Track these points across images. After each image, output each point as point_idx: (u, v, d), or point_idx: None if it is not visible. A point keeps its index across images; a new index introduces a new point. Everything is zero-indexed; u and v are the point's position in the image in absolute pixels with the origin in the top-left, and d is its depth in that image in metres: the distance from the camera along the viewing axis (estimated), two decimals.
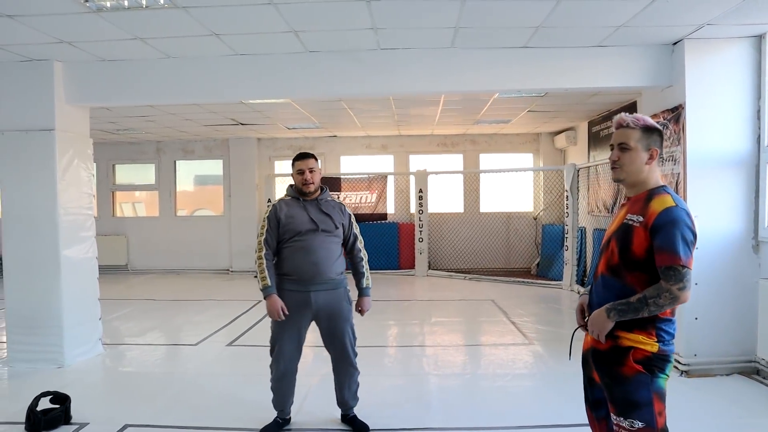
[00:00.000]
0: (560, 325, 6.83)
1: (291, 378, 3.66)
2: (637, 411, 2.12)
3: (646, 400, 2.12)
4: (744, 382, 4.53)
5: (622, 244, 2.19)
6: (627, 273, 2.17)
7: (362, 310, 3.66)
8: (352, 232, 3.67)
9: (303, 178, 3.50)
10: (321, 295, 3.49)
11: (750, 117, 4.67)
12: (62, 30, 4.38)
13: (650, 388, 2.12)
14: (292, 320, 3.48)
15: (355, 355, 3.66)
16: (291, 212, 3.50)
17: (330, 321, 3.56)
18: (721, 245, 4.68)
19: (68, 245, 5.21)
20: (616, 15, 4.21)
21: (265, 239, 3.49)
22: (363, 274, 3.68)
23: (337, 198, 3.72)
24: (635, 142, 2.22)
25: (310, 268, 3.45)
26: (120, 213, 12.21)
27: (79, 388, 4.48)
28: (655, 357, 2.14)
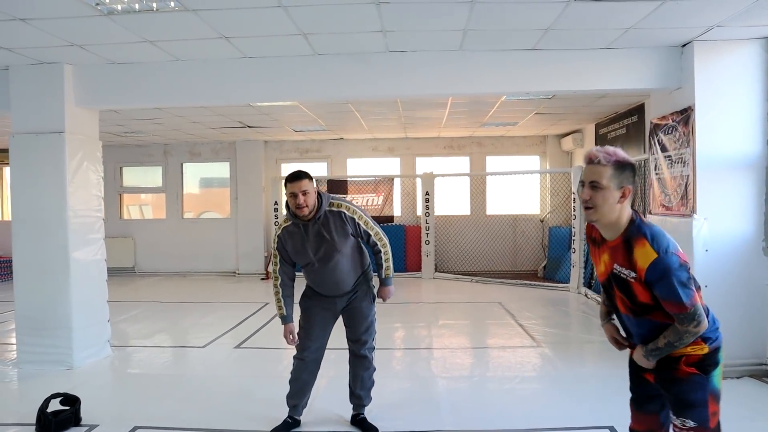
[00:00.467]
0: (568, 327, 6.81)
1: (313, 371, 3.70)
2: (691, 411, 2.13)
3: (702, 401, 2.13)
4: (754, 385, 4.50)
5: (628, 295, 2.19)
6: (648, 312, 2.19)
7: (383, 297, 3.73)
8: (362, 231, 3.52)
9: (296, 202, 3.30)
10: (344, 300, 3.64)
11: (760, 119, 4.66)
12: (73, 33, 4.41)
13: (706, 389, 2.14)
14: (319, 313, 3.63)
15: (371, 350, 3.73)
16: (294, 243, 3.47)
17: (351, 318, 3.69)
18: (731, 248, 4.66)
19: (77, 247, 5.23)
20: (625, 17, 4.21)
21: (279, 269, 3.55)
22: (381, 265, 3.67)
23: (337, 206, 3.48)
24: (607, 181, 2.11)
25: (328, 289, 3.60)
26: (127, 215, 12.26)
27: (89, 389, 4.49)
28: (706, 357, 2.16)
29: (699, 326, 2.07)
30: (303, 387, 3.70)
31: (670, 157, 5.06)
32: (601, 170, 2.12)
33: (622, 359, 2.52)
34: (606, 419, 3.76)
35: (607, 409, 3.92)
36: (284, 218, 3.53)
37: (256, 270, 11.30)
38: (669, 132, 5.07)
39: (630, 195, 2.15)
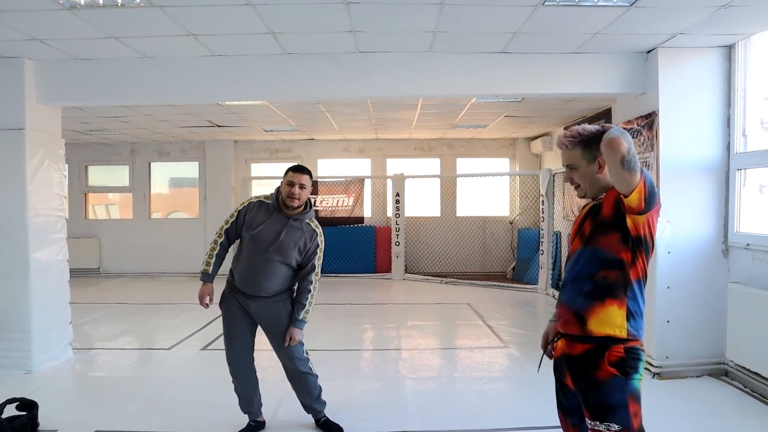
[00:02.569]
0: (535, 328, 6.89)
1: (248, 376, 3.59)
2: (613, 414, 2.11)
3: (622, 403, 2.11)
4: (713, 384, 4.62)
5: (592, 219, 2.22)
6: (599, 237, 2.19)
7: (291, 339, 3.41)
8: (312, 263, 3.47)
9: (291, 190, 3.33)
10: (259, 305, 3.46)
11: (720, 125, 4.78)
12: (34, 27, 4.29)
13: (625, 390, 2.12)
14: (237, 319, 3.49)
15: (305, 360, 3.58)
16: (260, 219, 3.40)
17: (271, 329, 3.51)
18: (693, 250, 4.77)
19: (38, 247, 5.09)
20: (591, 22, 4.28)
21: (227, 229, 3.49)
22: (303, 305, 3.43)
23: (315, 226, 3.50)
24: (579, 160, 2.25)
25: (247, 281, 3.43)
26: (92, 215, 11.98)
27: (48, 394, 4.37)
28: (627, 356, 2.14)
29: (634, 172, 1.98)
30: (247, 394, 3.62)
31: None
32: (570, 153, 2.27)
33: None
34: None
35: None
36: (263, 195, 3.52)
37: (225, 271, 11.08)
38: (634, 136, 5.17)
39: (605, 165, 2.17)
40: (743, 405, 4.19)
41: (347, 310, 7.75)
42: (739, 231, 4.70)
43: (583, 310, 2.20)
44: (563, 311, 2.30)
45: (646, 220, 2.11)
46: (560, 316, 2.33)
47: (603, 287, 2.17)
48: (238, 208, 3.51)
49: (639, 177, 2.01)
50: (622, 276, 2.15)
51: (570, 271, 2.31)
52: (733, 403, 4.23)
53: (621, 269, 2.15)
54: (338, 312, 7.44)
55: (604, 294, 2.16)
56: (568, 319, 2.26)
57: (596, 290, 2.18)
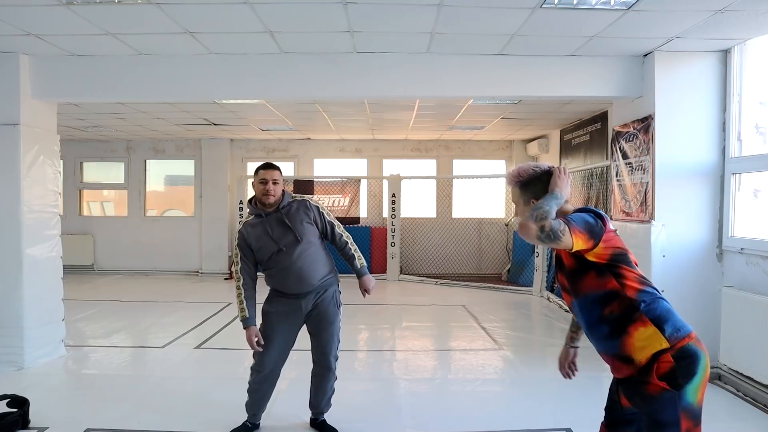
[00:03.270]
0: (530, 330, 6.90)
1: (273, 381, 3.60)
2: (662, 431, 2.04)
3: (672, 420, 2.03)
4: (708, 388, 4.61)
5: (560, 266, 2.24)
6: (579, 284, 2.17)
7: (366, 289, 3.64)
8: (327, 221, 3.56)
9: (265, 188, 3.38)
10: (311, 300, 3.50)
11: (716, 129, 4.80)
12: (30, 22, 4.27)
13: (677, 406, 2.02)
14: (283, 321, 3.48)
15: (335, 359, 3.62)
16: (258, 237, 3.41)
17: (316, 324, 3.55)
18: (687, 254, 4.79)
19: (31, 244, 5.07)
20: (588, 26, 4.29)
21: (241, 268, 3.45)
22: (353, 256, 3.62)
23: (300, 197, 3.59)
24: (517, 198, 2.29)
25: (294, 283, 3.44)
26: (87, 212, 11.94)
27: (39, 391, 4.35)
28: (677, 364, 2.04)
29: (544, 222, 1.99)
30: (263, 397, 3.61)
31: (631, 164, 5.17)
32: (512, 190, 2.32)
33: (583, 363, 2.55)
34: (565, 421, 3.82)
35: (566, 411, 3.98)
36: (244, 218, 3.49)
37: (220, 269, 11.14)
38: (630, 139, 5.18)
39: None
40: (736, 409, 4.20)
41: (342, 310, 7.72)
42: (734, 235, 4.71)
43: (619, 350, 2.12)
44: (608, 360, 2.22)
45: (603, 245, 2.08)
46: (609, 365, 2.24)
47: (617, 321, 2.11)
48: (236, 245, 3.49)
49: (568, 234, 2.00)
50: (625, 300, 2.09)
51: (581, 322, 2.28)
52: (726, 407, 4.24)
53: (618, 297, 2.10)
54: None
55: (623, 326, 2.09)
56: (617, 365, 2.17)
57: (614, 328, 2.12)
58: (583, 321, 2.23)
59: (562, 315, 7.49)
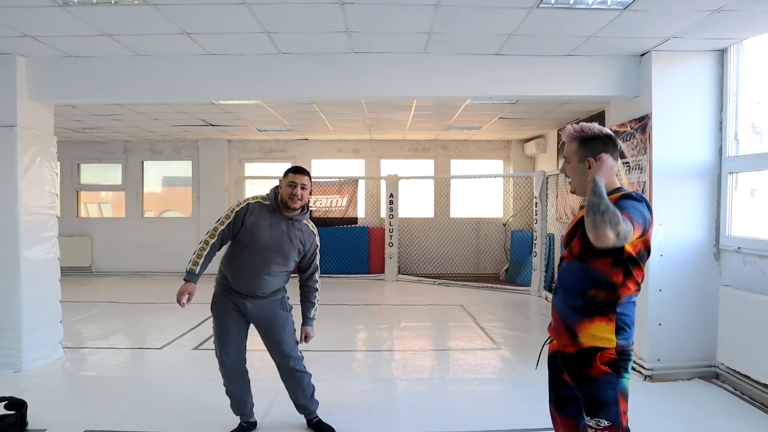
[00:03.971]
0: (528, 330, 6.91)
1: (242, 378, 3.57)
2: (604, 410, 2.17)
3: (613, 400, 2.17)
4: (704, 387, 4.64)
5: (584, 236, 2.19)
6: (591, 258, 2.21)
7: (307, 337, 3.57)
8: (314, 262, 3.57)
9: (292, 191, 3.33)
10: (256, 304, 3.45)
11: (713, 128, 4.81)
12: (26, 23, 4.26)
13: (616, 388, 2.18)
14: (230, 320, 3.46)
15: (300, 359, 3.58)
16: (259, 221, 3.37)
17: (266, 329, 3.51)
18: (684, 253, 4.79)
19: (29, 245, 5.06)
20: (585, 25, 4.29)
21: (221, 231, 3.39)
22: (313, 304, 3.59)
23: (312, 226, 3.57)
24: (572, 155, 2.33)
25: (248, 281, 3.40)
26: (85, 213, 11.92)
27: (37, 393, 4.35)
28: (619, 357, 2.20)
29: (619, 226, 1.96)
30: (239, 395, 3.60)
31: (628, 164, 5.18)
32: (568, 146, 2.36)
33: None
34: None
35: None
36: (260, 196, 3.48)
37: (217, 271, 11.07)
38: (627, 139, 5.19)
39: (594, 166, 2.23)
40: (733, 407, 4.21)
41: (340, 310, 7.73)
42: (731, 234, 4.72)
43: (574, 324, 2.25)
44: (555, 318, 2.35)
45: (642, 239, 2.16)
46: (553, 322, 2.38)
47: (592, 305, 2.22)
48: (234, 208, 3.42)
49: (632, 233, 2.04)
50: (612, 296, 2.20)
51: (561, 279, 2.35)
52: (724, 406, 4.25)
53: (611, 290, 2.20)
54: (331, 313, 7.42)
55: (594, 312, 2.21)
56: (560, 329, 2.32)
57: (586, 307, 2.23)
58: (566, 281, 2.31)
59: None
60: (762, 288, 4.27)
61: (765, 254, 4.28)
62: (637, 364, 4.80)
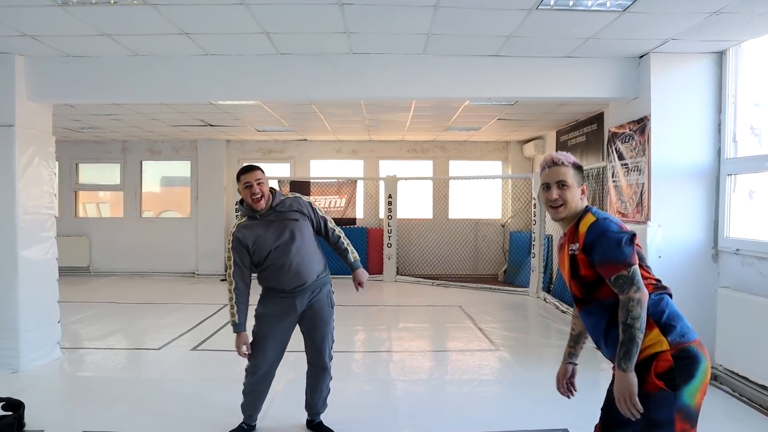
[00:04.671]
0: (526, 331, 6.91)
1: (268, 383, 3.59)
2: (656, 430, 2.04)
3: (667, 420, 2.02)
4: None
5: (576, 276, 2.21)
6: (593, 292, 2.18)
7: (360, 283, 3.63)
8: (319, 216, 3.55)
9: (251, 192, 3.30)
10: (306, 298, 3.48)
11: (711, 130, 4.81)
12: (25, 23, 4.25)
13: (672, 406, 2.02)
14: (278, 323, 3.47)
15: (330, 359, 3.63)
16: (254, 237, 3.36)
17: (311, 323, 3.54)
18: (683, 254, 4.80)
19: (27, 245, 5.05)
20: (585, 27, 4.29)
21: (234, 272, 3.39)
22: (346, 250, 3.61)
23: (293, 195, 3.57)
24: (571, 179, 2.27)
25: (291, 279, 3.41)
26: (83, 213, 11.90)
27: (35, 394, 4.33)
28: (677, 363, 2.05)
29: (639, 291, 2.02)
30: (258, 398, 3.60)
31: (627, 165, 5.18)
32: (564, 170, 2.28)
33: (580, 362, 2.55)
34: (561, 422, 3.82)
35: (562, 411, 3.97)
36: (237, 220, 3.48)
37: (216, 271, 11.11)
38: (626, 141, 5.19)
39: (587, 192, 2.33)
40: (732, 409, 4.21)
41: (338, 311, 7.64)
42: (729, 236, 4.73)
43: None
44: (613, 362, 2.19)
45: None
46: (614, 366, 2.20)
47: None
48: (229, 248, 3.42)
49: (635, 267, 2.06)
50: None
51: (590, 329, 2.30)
52: (722, 408, 4.25)
53: None
54: None
55: None
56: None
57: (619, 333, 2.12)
58: (592, 327, 2.26)
59: (558, 315, 7.50)
60: (760, 289, 4.28)
61: (763, 256, 4.28)
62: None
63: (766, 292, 4.21)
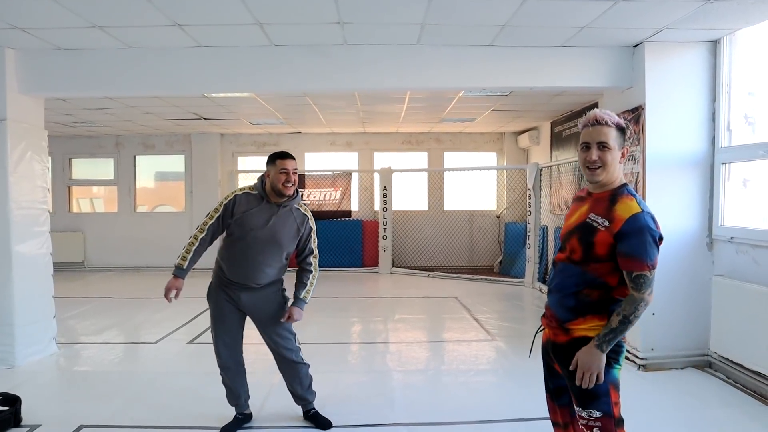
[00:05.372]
0: (522, 321, 6.93)
1: (237, 370, 3.57)
2: (595, 401, 2.16)
3: (603, 391, 2.16)
4: (698, 375, 4.67)
5: (584, 243, 2.19)
6: (591, 262, 2.19)
7: (290, 317, 3.43)
8: (309, 246, 3.52)
9: (286, 177, 3.30)
10: (251, 296, 3.44)
11: (706, 119, 4.82)
12: (15, 15, 4.21)
13: (606, 380, 2.15)
14: (226, 311, 3.46)
15: (297, 350, 3.58)
16: (249, 210, 3.34)
17: (261, 319, 3.51)
18: (678, 243, 4.81)
19: (20, 240, 5.02)
20: (579, 16, 4.28)
21: (211, 225, 3.38)
22: (305, 285, 3.50)
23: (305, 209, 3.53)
24: (613, 141, 2.18)
25: (245, 272, 3.38)
26: (77, 209, 11.85)
27: (31, 388, 4.33)
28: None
29: (651, 295, 2.11)
30: (235, 387, 3.60)
31: None
32: (607, 131, 2.19)
33: None
34: None
35: None
36: (247, 186, 3.45)
37: (210, 265, 11.02)
38: None
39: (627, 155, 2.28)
40: (726, 396, 4.24)
41: (334, 303, 7.73)
42: (724, 224, 4.74)
43: (567, 322, 2.25)
44: (550, 315, 2.35)
45: None
46: (548, 318, 2.37)
47: (585, 304, 2.21)
48: (223, 201, 3.41)
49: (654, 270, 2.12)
50: (605, 295, 2.19)
51: (554, 279, 2.34)
52: (717, 394, 4.28)
53: (605, 290, 2.19)
54: (326, 306, 7.42)
55: (586, 311, 2.21)
56: (555, 326, 2.31)
57: (578, 306, 2.22)
58: (559, 281, 2.30)
59: None
60: (754, 277, 4.30)
61: (757, 243, 4.30)
62: (631, 353, 4.83)
63: (761, 279, 4.23)
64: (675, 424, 3.71)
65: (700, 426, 3.72)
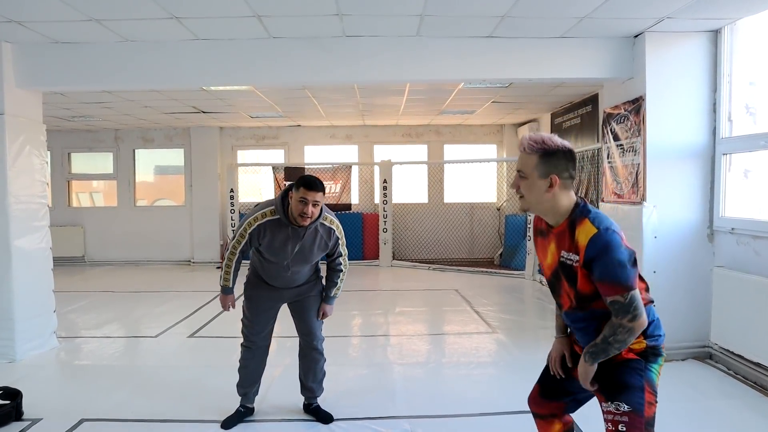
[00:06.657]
0: (523, 314, 6.93)
1: (262, 359, 3.64)
2: (626, 394, 2.01)
3: (639, 385, 2.02)
4: (698, 367, 4.67)
5: (571, 285, 2.07)
6: (590, 303, 2.07)
7: (324, 315, 3.63)
8: (338, 250, 3.55)
9: (303, 209, 3.13)
10: (292, 291, 3.57)
11: (707, 110, 4.79)
12: (11, 8, 4.17)
13: (642, 375, 2.03)
14: (264, 298, 3.53)
15: (321, 340, 3.66)
16: (274, 240, 3.28)
17: (300, 310, 3.60)
18: (678, 234, 4.80)
19: (20, 235, 5.01)
20: (579, 6, 4.25)
21: (241, 249, 3.37)
22: (335, 284, 3.61)
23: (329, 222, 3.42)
24: (531, 170, 2.03)
25: (281, 281, 3.50)
26: (76, 203, 11.83)
27: (32, 382, 4.33)
28: (648, 351, 2.09)
29: (635, 321, 1.93)
30: (252, 375, 3.63)
31: (622, 146, 5.17)
32: (526, 159, 2.06)
33: None
34: None
35: None
36: (269, 210, 3.28)
37: (211, 259, 11.10)
38: (621, 121, 5.17)
39: (559, 184, 2.03)
40: (727, 387, 4.25)
41: None
42: (724, 215, 4.73)
43: None
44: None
45: None
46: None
47: None
48: (247, 229, 3.28)
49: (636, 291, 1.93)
50: None
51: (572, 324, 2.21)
52: (717, 385, 4.29)
53: None
54: None
55: None
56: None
57: None
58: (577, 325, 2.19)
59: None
60: (755, 268, 4.29)
61: (758, 235, 4.29)
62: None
63: (761, 270, 4.23)
64: (675, 416, 3.70)
65: (701, 417, 3.73)
